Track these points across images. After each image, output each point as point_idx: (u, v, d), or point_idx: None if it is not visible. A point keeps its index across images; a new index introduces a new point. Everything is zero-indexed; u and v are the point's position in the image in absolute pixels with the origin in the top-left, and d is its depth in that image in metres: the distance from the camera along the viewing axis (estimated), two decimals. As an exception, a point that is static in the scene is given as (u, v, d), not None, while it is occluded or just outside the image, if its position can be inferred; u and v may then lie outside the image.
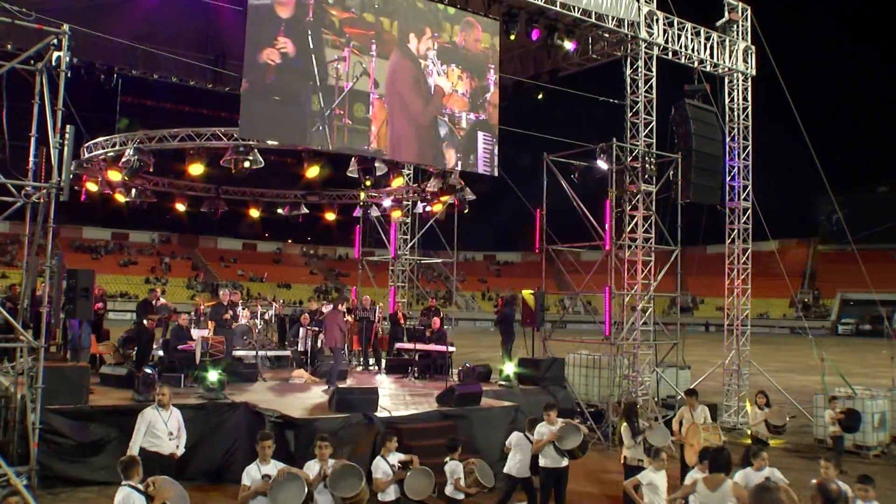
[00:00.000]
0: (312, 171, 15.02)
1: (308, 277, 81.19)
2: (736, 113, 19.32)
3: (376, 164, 14.31)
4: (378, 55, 14.32)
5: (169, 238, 79.56)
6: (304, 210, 21.28)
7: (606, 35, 17.02)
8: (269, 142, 13.57)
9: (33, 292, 12.33)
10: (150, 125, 18.93)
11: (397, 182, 18.41)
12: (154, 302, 16.09)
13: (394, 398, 13.74)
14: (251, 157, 13.34)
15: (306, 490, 7.00)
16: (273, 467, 7.20)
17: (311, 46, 13.06)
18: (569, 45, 16.63)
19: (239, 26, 13.44)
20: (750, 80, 19.52)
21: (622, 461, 10.60)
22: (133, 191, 18.17)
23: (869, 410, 15.48)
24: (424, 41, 14.84)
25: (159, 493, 6.23)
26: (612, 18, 16.48)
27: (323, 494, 7.39)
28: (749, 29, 19.56)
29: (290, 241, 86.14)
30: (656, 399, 17.18)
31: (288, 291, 72.04)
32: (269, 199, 21.24)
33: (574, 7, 15.71)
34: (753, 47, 19.57)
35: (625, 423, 10.63)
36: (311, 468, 7.49)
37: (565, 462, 9.63)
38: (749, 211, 19.29)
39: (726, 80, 19.38)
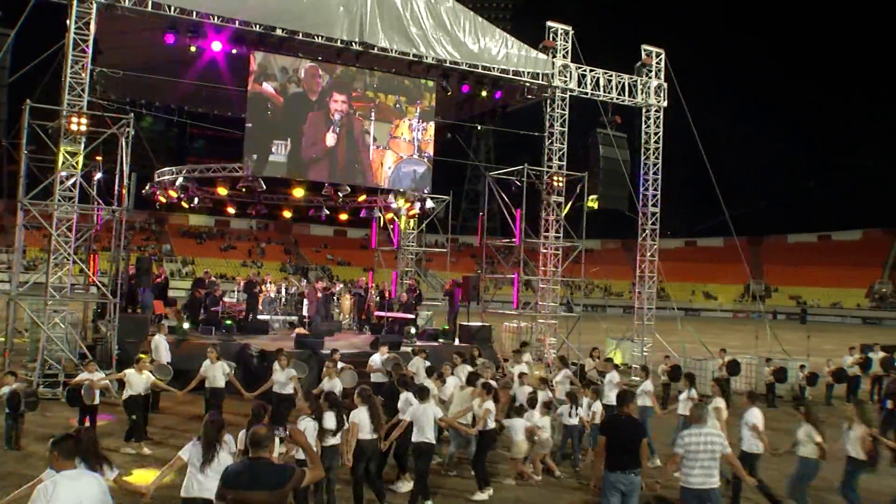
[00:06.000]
0: (298, 192, 21.96)
1: (392, 262, 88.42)
2: (650, 137, 24.68)
3: (340, 186, 21.04)
4: (375, 119, 21.64)
5: (266, 225, 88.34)
6: (326, 211, 28.07)
7: (527, 84, 22.83)
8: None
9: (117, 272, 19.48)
10: (213, 151, 25.97)
11: (361, 197, 24.90)
12: (206, 280, 23.10)
13: (354, 344, 20.10)
14: (256, 184, 20.11)
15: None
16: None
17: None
18: (496, 95, 22.58)
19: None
20: (662, 111, 24.78)
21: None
22: (195, 199, 25.35)
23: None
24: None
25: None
26: (528, 73, 22.34)
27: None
28: (662, 69, 24.81)
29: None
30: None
31: (371, 274, 79.63)
32: (296, 204, 28.06)
33: (493, 67, 21.72)
34: (665, 84, 24.81)
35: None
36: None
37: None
38: (658, 214, 24.61)
39: (643, 111, 24.76)
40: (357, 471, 9.35)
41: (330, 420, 8.90)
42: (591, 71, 23.59)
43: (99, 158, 20.51)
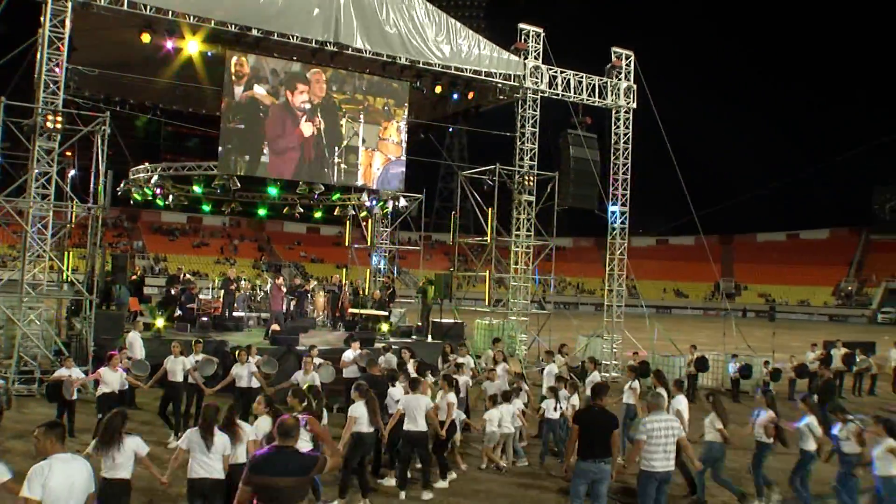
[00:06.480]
0: (272, 189, 22.13)
1: (366, 260, 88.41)
2: (619, 138, 25.14)
3: (315, 184, 21.38)
4: (365, 122, 22.28)
5: (239, 222, 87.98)
6: (300, 209, 28.30)
7: (499, 85, 23.20)
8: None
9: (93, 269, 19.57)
10: (188, 148, 26.07)
11: (335, 196, 25.20)
12: (181, 277, 23.22)
13: (328, 341, 20.36)
14: (231, 182, 20.31)
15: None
16: (200, 356, 13.96)
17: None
18: (469, 95, 22.95)
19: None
20: (631, 112, 25.24)
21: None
22: (170, 197, 25.45)
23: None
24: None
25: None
26: (500, 74, 22.72)
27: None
28: (632, 71, 25.27)
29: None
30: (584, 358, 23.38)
31: (345, 271, 79.73)
32: (271, 201, 28.29)
33: (466, 69, 22.07)
34: (634, 86, 25.27)
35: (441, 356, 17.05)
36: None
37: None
38: (627, 214, 25.09)
39: (613, 112, 25.21)
40: (352, 462, 9.69)
41: None
42: (561, 72, 24.00)
43: (69, 154, 20.53)
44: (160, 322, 19.25)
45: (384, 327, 21.40)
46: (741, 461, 11.51)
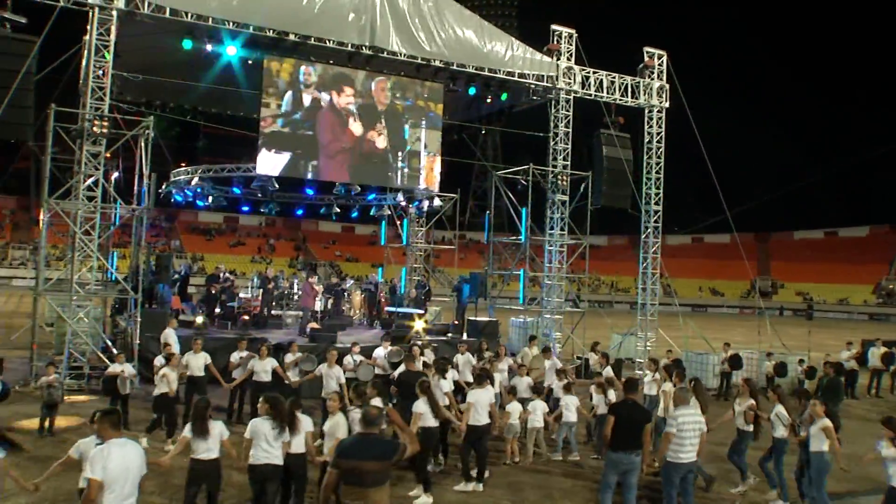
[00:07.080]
0: (310, 190, 22.69)
1: (401, 259, 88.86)
2: (653, 137, 25.18)
3: (351, 185, 21.87)
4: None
5: (274, 221, 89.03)
6: (336, 209, 28.80)
7: (532, 86, 23.40)
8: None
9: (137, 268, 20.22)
10: (225, 150, 26.70)
11: (371, 195, 25.65)
12: (220, 275, 23.76)
13: (366, 338, 20.75)
14: (269, 185, 20.86)
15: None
16: (245, 352, 14.41)
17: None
18: (502, 96, 23.22)
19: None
20: (664, 111, 25.27)
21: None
22: (210, 198, 26.06)
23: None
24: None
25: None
26: (533, 75, 22.92)
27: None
28: (664, 70, 25.29)
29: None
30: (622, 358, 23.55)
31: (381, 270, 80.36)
32: (310, 201, 28.83)
33: (499, 70, 22.33)
34: (667, 85, 25.29)
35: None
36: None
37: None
38: (660, 212, 25.11)
39: (645, 112, 25.26)
40: (427, 455, 10.24)
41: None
42: (594, 73, 24.11)
43: (107, 155, 21.11)
44: (199, 319, 19.80)
45: (420, 326, 21.73)
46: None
